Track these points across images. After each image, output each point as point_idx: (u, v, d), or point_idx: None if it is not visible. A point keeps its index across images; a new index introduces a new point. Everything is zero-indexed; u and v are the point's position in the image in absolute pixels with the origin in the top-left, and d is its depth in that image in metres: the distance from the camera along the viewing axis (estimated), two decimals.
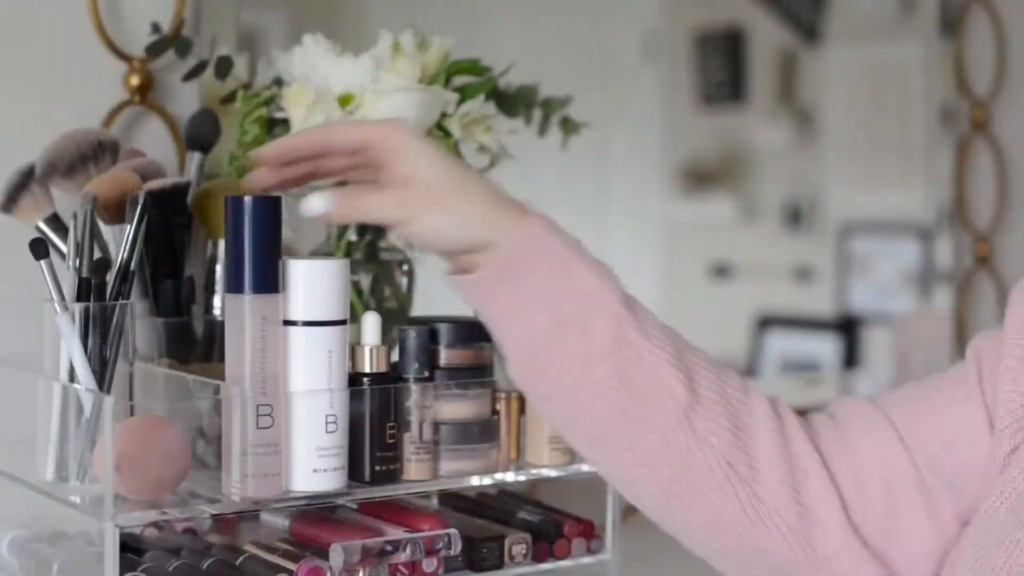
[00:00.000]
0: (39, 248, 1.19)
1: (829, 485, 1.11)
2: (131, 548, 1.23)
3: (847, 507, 1.11)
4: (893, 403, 1.15)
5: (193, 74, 1.42)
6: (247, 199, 1.13)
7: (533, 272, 1.10)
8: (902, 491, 1.11)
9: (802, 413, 1.18)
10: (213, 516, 1.21)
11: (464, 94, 1.39)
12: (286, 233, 1.17)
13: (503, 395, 1.31)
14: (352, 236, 1.42)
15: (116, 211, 1.23)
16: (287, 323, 1.16)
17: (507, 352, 1.13)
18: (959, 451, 1.11)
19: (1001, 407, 1.09)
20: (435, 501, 1.39)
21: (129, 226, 1.21)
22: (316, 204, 1.11)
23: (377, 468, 1.20)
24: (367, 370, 1.21)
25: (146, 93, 1.45)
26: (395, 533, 1.22)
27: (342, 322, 1.17)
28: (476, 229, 1.10)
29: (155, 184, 1.28)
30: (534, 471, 1.31)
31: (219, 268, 1.33)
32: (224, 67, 1.41)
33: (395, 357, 1.26)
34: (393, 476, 1.21)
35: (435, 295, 1.45)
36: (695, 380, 1.11)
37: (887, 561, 1.11)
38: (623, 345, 1.09)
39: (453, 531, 1.23)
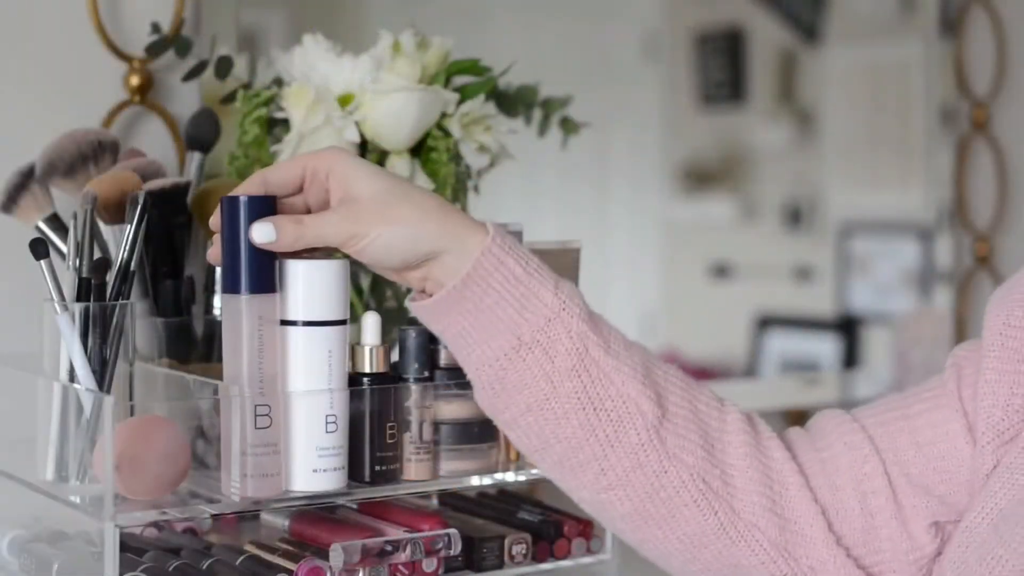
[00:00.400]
0: (39, 248, 1.19)
1: (809, 497, 1.11)
2: (131, 548, 1.23)
3: (828, 518, 1.10)
4: (869, 414, 1.15)
5: (193, 74, 1.42)
6: (242, 198, 1.12)
7: (489, 294, 1.08)
8: (876, 501, 1.11)
9: (801, 416, 1.18)
10: (213, 516, 1.21)
11: (464, 94, 1.39)
12: None
13: None
14: None
15: (116, 211, 1.23)
16: (287, 323, 1.16)
17: (471, 378, 1.13)
18: (935, 457, 1.10)
19: (982, 422, 1.08)
20: (435, 501, 1.39)
21: (129, 226, 1.21)
22: (260, 232, 1.09)
23: (377, 468, 1.20)
24: (367, 370, 1.21)
25: (146, 93, 1.45)
26: (395, 533, 1.22)
27: (342, 322, 1.17)
28: (427, 238, 1.08)
29: (155, 184, 1.28)
30: (534, 471, 1.31)
31: (219, 268, 1.33)
32: (224, 67, 1.41)
33: (395, 357, 1.26)
34: (393, 476, 1.21)
35: None
36: (664, 397, 1.10)
37: (871, 571, 1.11)
38: (587, 364, 1.08)
39: (453, 531, 1.23)
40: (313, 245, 1.10)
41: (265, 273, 1.14)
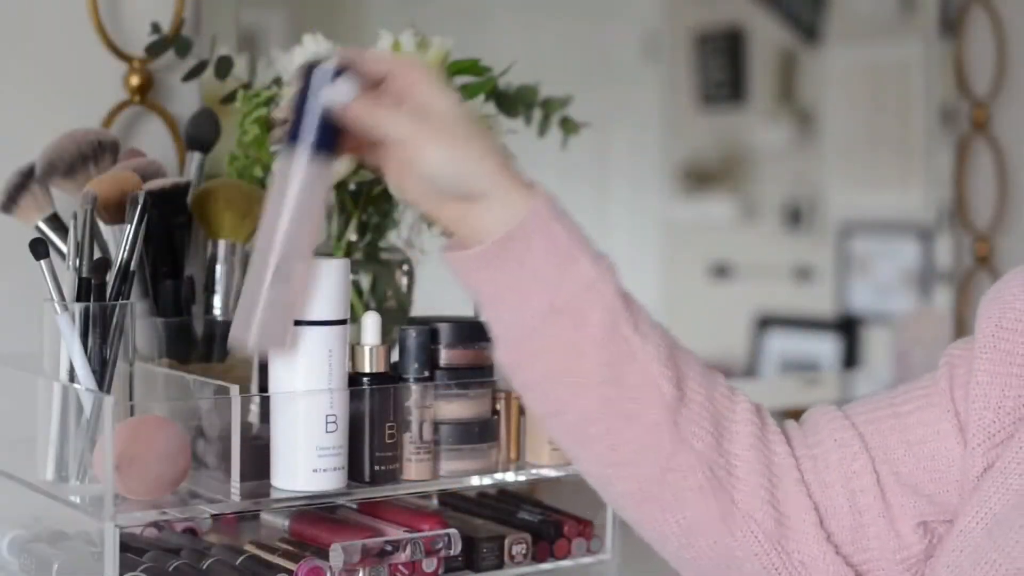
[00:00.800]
0: (39, 248, 1.19)
1: (804, 492, 1.10)
2: (131, 548, 1.23)
3: (819, 514, 1.10)
4: (860, 411, 1.14)
5: (193, 74, 1.42)
6: (328, 65, 1.10)
7: (532, 253, 1.07)
8: (864, 499, 1.10)
9: (800, 416, 1.18)
10: (213, 516, 1.21)
11: (464, 94, 1.38)
12: None
13: (503, 395, 1.31)
14: (352, 236, 1.42)
15: (116, 211, 1.23)
16: None
17: (495, 334, 1.11)
18: (925, 456, 1.10)
19: (973, 424, 1.08)
20: (435, 501, 1.39)
21: (129, 226, 1.21)
22: (341, 90, 1.08)
23: (377, 468, 1.20)
24: (367, 370, 1.21)
25: (146, 93, 1.45)
26: (395, 533, 1.22)
27: (342, 322, 1.17)
28: (476, 174, 1.07)
29: (155, 184, 1.28)
30: (534, 471, 1.31)
31: (219, 268, 1.33)
32: (224, 67, 1.41)
33: (395, 357, 1.26)
34: (393, 476, 1.21)
35: (435, 295, 1.45)
36: (684, 380, 1.09)
37: (859, 569, 1.11)
38: (616, 339, 1.07)
39: (453, 531, 1.23)
40: (375, 129, 1.08)
41: (328, 139, 1.11)
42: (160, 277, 1.31)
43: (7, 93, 1.41)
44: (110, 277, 1.21)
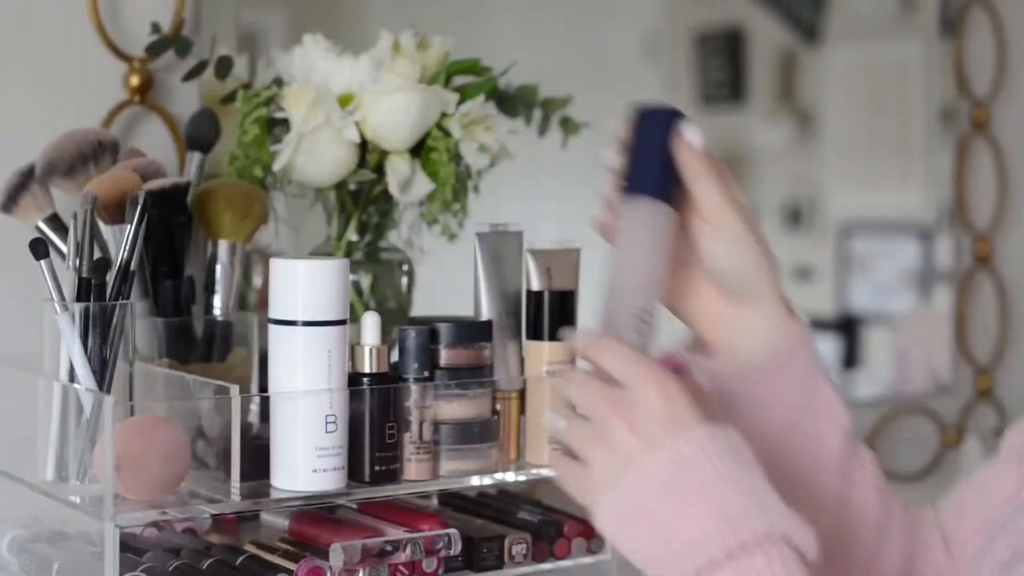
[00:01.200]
0: (39, 248, 1.19)
1: None
2: (131, 548, 1.23)
3: None
4: (945, 509, 1.20)
5: (193, 74, 1.42)
6: (665, 111, 1.10)
7: (788, 376, 1.12)
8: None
9: None
10: (213, 516, 1.21)
11: (464, 94, 1.39)
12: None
13: (503, 395, 1.31)
14: (352, 236, 1.42)
15: (116, 211, 1.23)
16: (287, 323, 1.17)
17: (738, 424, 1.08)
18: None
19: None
20: (435, 501, 1.39)
21: (129, 226, 1.21)
22: (694, 135, 1.09)
23: (377, 468, 1.20)
24: (367, 370, 1.21)
25: (146, 93, 1.45)
26: (395, 533, 1.22)
27: (342, 322, 1.17)
28: (759, 281, 1.12)
29: (155, 184, 1.28)
30: (534, 471, 1.31)
31: (219, 268, 1.33)
32: (224, 67, 1.41)
33: (395, 357, 1.26)
34: (393, 476, 1.21)
35: (435, 295, 1.45)
36: (889, 508, 1.16)
37: None
38: (847, 462, 1.14)
39: (453, 531, 1.23)
40: (700, 184, 1.09)
41: (670, 184, 1.10)
42: (160, 277, 1.31)
43: (7, 93, 1.41)
44: (110, 277, 1.21)
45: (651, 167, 1.09)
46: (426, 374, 1.24)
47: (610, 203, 1.11)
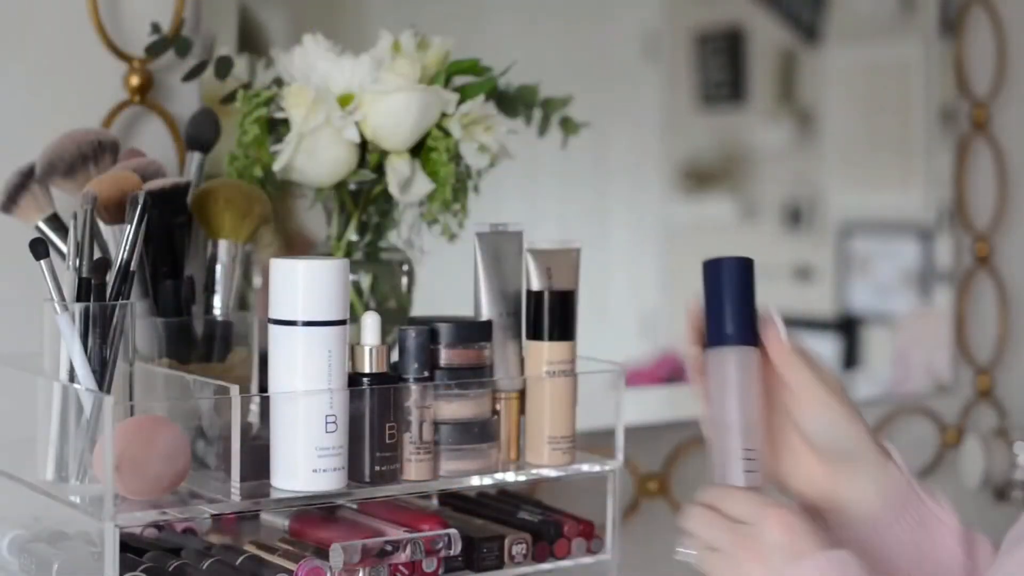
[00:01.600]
0: (39, 248, 1.19)
1: None
2: (131, 548, 1.23)
3: None
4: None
5: (193, 74, 1.42)
6: (730, 260, 1.18)
7: (906, 528, 1.19)
8: None
9: None
10: (213, 516, 1.21)
11: (464, 94, 1.39)
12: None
13: (503, 395, 1.31)
14: (352, 236, 1.42)
15: (116, 211, 1.23)
16: (287, 323, 1.16)
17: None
18: None
19: None
20: (435, 501, 1.39)
21: (129, 226, 1.21)
22: (776, 326, 1.19)
23: (377, 468, 1.20)
24: (367, 370, 1.21)
25: (146, 93, 1.45)
26: (395, 533, 1.22)
27: (342, 322, 1.17)
28: (855, 441, 1.19)
29: (155, 184, 1.28)
30: (534, 471, 1.31)
31: (219, 268, 1.33)
32: (224, 67, 1.41)
33: (395, 357, 1.26)
34: (393, 476, 1.21)
35: (435, 295, 1.45)
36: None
37: None
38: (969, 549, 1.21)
39: (453, 531, 1.23)
40: (788, 368, 1.18)
41: (750, 328, 1.18)
42: (160, 277, 1.31)
43: (7, 93, 1.41)
44: (110, 277, 1.21)
45: (733, 317, 1.17)
46: (426, 374, 1.24)
47: (694, 358, 1.20)
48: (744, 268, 1.18)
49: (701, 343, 1.19)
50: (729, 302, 1.17)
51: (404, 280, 1.45)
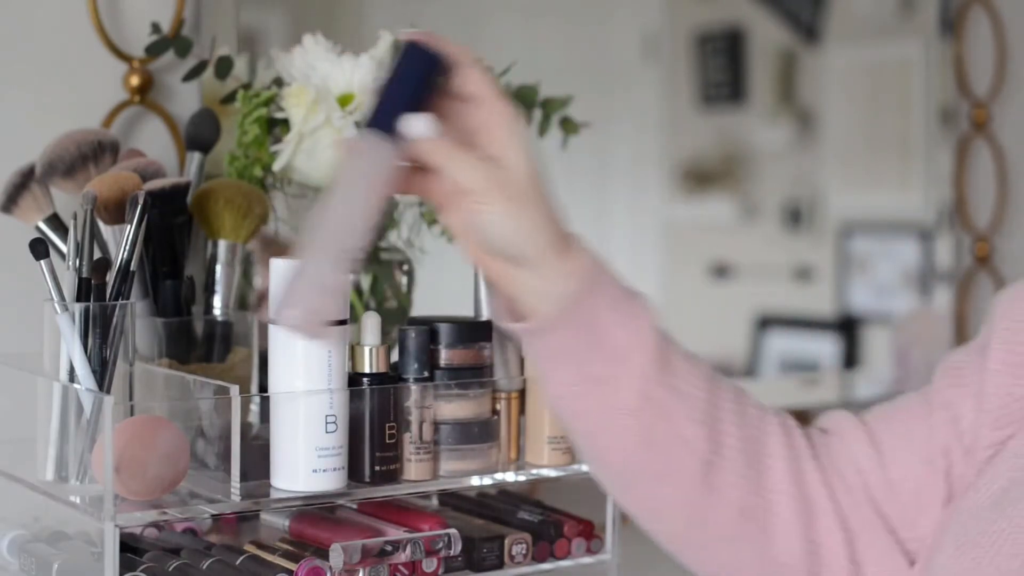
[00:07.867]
0: (39, 248, 1.19)
1: (836, 521, 1.13)
2: (131, 548, 1.23)
3: (850, 539, 1.13)
4: (878, 418, 1.18)
5: (193, 74, 1.42)
6: (430, 49, 1.04)
7: (565, 330, 1.08)
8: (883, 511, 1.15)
9: (800, 416, 1.19)
10: (213, 516, 1.21)
11: None
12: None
13: (503, 395, 1.31)
14: None
15: (116, 211, 1.23)
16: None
17: (545, 390, 1.13)
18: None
19: (985, 408, 1.11)
20: (435, 501, 1.39)
21: (129, 226, 1.21)
22: (422, 125, 1.04)
23: (377, 468, 1.20)
24: (367, 370, 1.21)
25: (146, 93, 1.45)
26: (395, 533, 1.22)
27: (342, 322, 1.17)
28: (531, 248, 1.06)
29: (155, 184, 1.28)
30: (534, 471, 1.31)
31: (219, 268, 1.33)
32: (224, 67, 1.41)
33: (395, 357, 1.26)
34: (393, 476, 1.21)
35: (435, 295, 1.45)
36: (719, 431, 1.11)
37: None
38: (648, 404, 1.09)
39: (453, 531, 1.23)
40: (447, 173, 1.04)
41: (396, 131, 1.04)
42: (160, 277, 1.31)
43: (7, 93, 1.41)
44: (110, 277, 1.21)
45: (389, 105, 1.04)
46: (426, 374, 1.24)
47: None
48: (428, 61, 1.04)
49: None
50: (398, 92, 1.04)
51: (404, 280, 1.46)
